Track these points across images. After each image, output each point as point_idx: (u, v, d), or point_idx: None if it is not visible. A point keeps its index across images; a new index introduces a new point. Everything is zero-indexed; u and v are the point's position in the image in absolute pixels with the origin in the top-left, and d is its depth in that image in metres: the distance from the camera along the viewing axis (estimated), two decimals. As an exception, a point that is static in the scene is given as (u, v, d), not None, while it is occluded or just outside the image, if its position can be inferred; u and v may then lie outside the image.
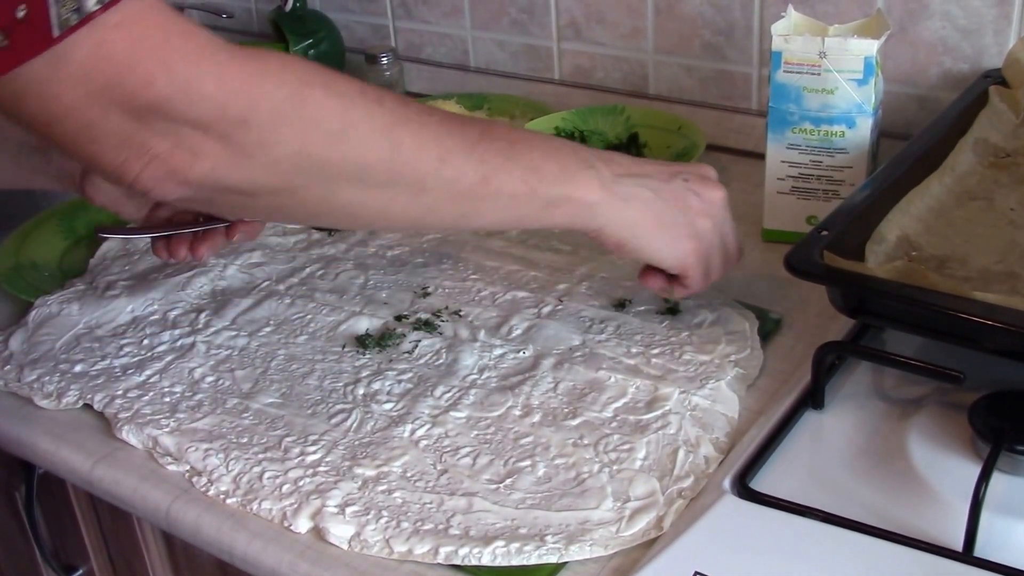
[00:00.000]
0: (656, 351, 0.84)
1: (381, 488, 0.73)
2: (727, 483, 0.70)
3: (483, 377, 0.83)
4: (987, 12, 1.01)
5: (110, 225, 1.01)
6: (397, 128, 0.67)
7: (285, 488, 0.73)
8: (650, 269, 0.83)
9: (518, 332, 0.88)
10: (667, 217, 0.77)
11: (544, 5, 1.29)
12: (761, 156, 0.99)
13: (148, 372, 0.87)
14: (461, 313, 0.91)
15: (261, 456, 0.76)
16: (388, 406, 0.81)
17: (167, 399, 0.83)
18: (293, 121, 0.62)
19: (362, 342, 0.88)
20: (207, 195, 0.64)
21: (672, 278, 0.82)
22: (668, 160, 1.10)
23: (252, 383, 0.85)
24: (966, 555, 0.62)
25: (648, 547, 0.67)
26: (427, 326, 0.90)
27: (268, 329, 0.91)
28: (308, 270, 1.00)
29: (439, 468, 0.74)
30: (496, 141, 0.71)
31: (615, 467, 0.73)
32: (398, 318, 0.91)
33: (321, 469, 0.75)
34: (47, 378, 0.87)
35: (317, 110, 0.64)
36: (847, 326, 0.82)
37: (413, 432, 0.78)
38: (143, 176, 0.60)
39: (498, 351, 0.86)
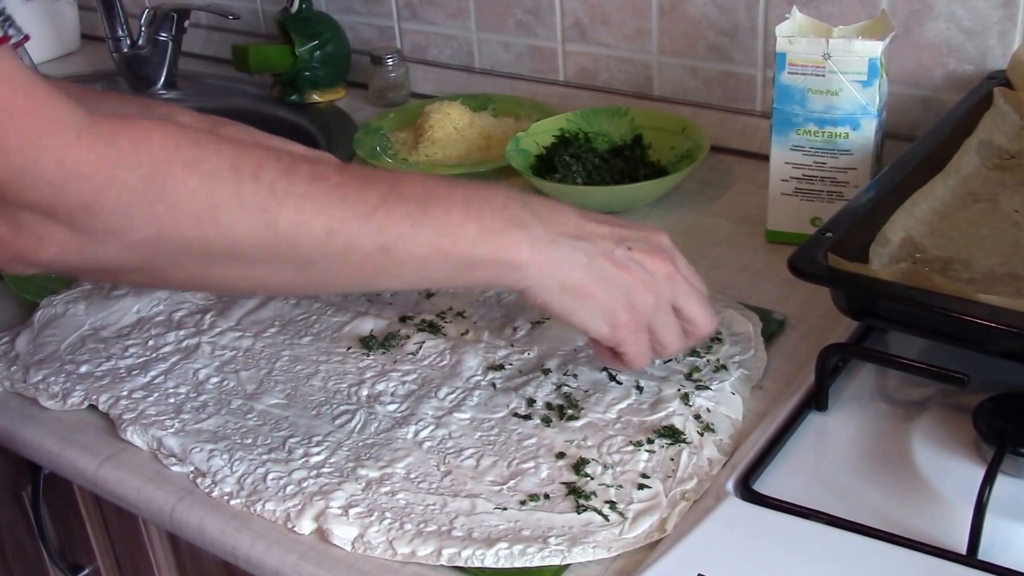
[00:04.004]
0: (660, 353, 0.84)
1: (385, 489, 0.73)
2: (730, 485, 0.70)
3: (487, 378, 0.83)
4: (992, 13, 1.01)
5: None
6: (274, 204, 0.62)
7: (289, 489, 0.74)
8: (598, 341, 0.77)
9: (522, 333, 0.88)
10: (600, 285, 0.72)
11: (549, 6, 1.29)
12: (765, 157, 0.99)
13: (153, 373, 0.87)
14: (465, 314, 0.91)
15: (265, 457, 0.77)
16: (392, 407, 0.81)
17: (172, 400, 0.84)
18: (148, 205, 0.58)
19: (366, 343, 0.88)
20: (61, 272, 0.61)
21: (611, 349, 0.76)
22: (672, 159, 1.10)
23: (256, 384, 0.85)
24: (970, 558, 0.62)
25: (651, 549, 0.67)
26: (431, 327, 0.90)
27: (273, 330, 0.92)
28: (313, 271, 1.00)
29: (443, 470, 0.74)
30: (404, 203, 0.66)
31: (618, 468, 0.73)
32: (402, 319, 0.91)
33: (325, 470, 0.75)
34: (52, 379, 0.87)
35: (177, 192, 0.59)
36: (851, 328, 0.82)
37: (417, 433, 0.78)
38: None
39: (502, 352, 0.86)
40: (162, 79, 1.54)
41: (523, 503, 0.71)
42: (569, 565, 0.67)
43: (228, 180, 0.61)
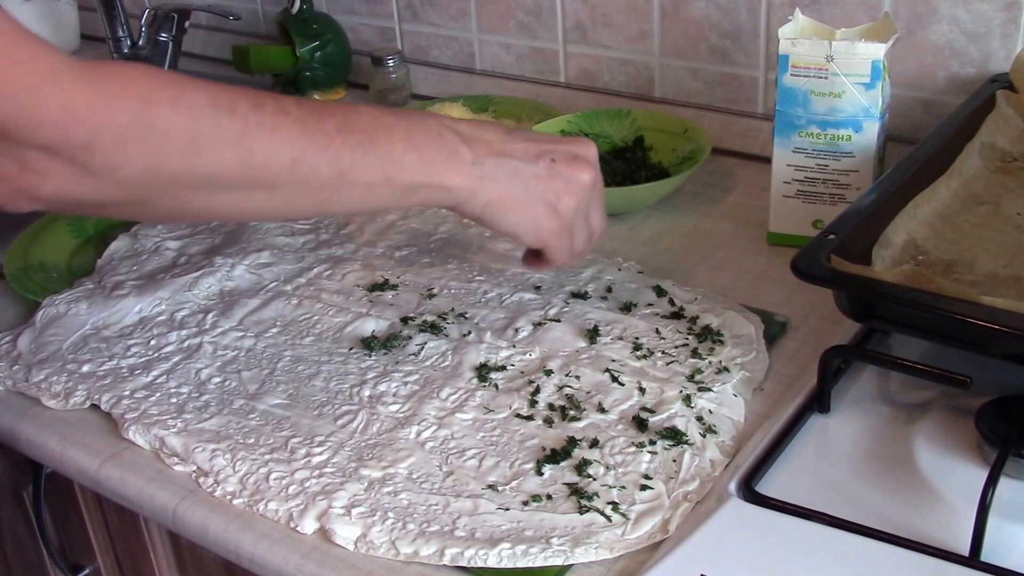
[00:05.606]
0: (662, 354, 0.84)
1: (387, 489, 0.73)
2: (733, 487, 0.70)
3: (489, 379, 0.83)
4: (995, 16, 1.01)
5: None
6: (248, 136, 0.67)
7: (291, 489, 0.74)
8: (528, 252, 0.87)
9: (524, 334, 0.88)
10: (525, 196, 0.80)
11: (550, 8, 1.29)
12: (767, 160, 0.99)
13: (155, 373, 0.87)
14: (467, 315, 0.91)
15: (267, 457, 0.77)
16: (394, 408, 0.81)
17: (174, 400, 0.84)
18: (140, 141, 0.63)
19: (368, 344, 0.88)
20: (60, 207, 0.66)
21: (539, 253, 0.85)
22: (674, 161, 1.10)
23: (259, 384, 0.85)
24: (972, 560, 0.62)
25: (653, 550, 0.67)
26: (433, 328, 0.90)
27: (275, 330, 0.92)
28: (316, 270, 1.00)
29: (445, 470, 0.74)
30: (355, 134, 0.72)
31: (620, 470, 0.73)
32: (404, 320, 0.91)
33: (327, 470, 0.75)
34: (55, 378, 0.87)
35: (164, 127, 0.64)
36: (853, 330, 0.82)
37: (419, 434, 0.78)
38: None
39: (504, 353, 0.86)
40: (163, 79, 1.53)
41: (525, 503, 0.71)
42: (572, 565, 0.67)
43: (208, 115, 0.66)
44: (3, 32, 0.59)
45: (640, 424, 0.77)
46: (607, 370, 0.83)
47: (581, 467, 0.73)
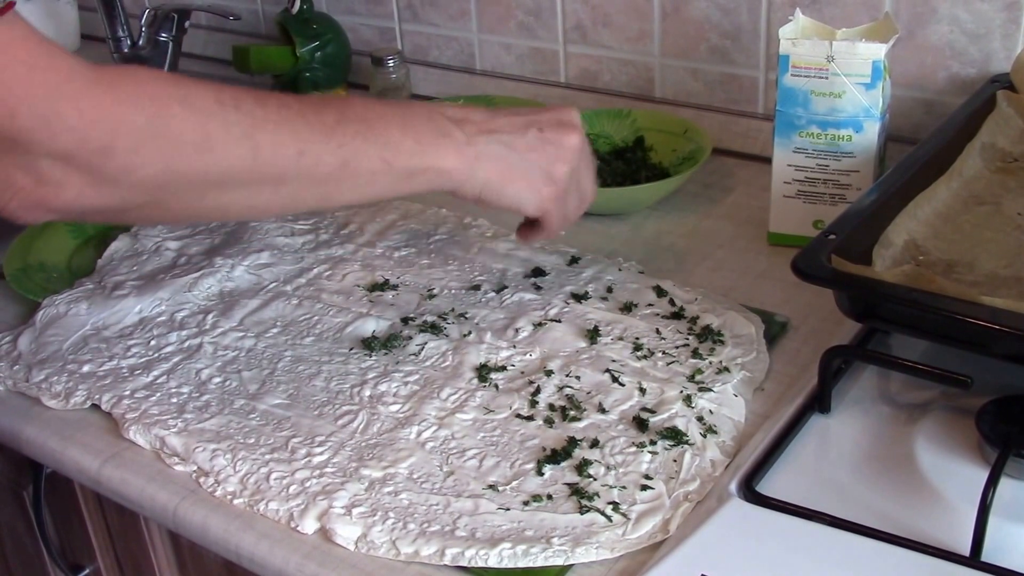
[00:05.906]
0: (662, 354, 0.84)
1: (388, 489, 0.73)
2: (733, 487, 0.70)
3: (489, 379, 0.83)
4: (995, 16, 1.01)
5: None
6: (256, 131, 0.68)
7: (292, 489, 0.74)
8: (522, 225, 0.88)
9: (524, 334, 0.88)
10: (521, 168, 0.81)
11: (551, 8, 1.29)
12: (767, 160, 0.99)
13: (155, 373, 0.87)
14: (467, 315, 0.91)
15: (268, 457, 0.77)
16: (394, 408, 0.81)
17: (174, 400, 0.84)
18: (154, 142, 0.64)
19: (368, 344, 0.88)
20: (74, 217, 0.66)
21: (534, 224, 0.87)
22: (674, 161, 1.11)
23: (259, 384, 0.85)
24: (973, 560, 0.62)
25: (654, 550, 0.67)
26: (433, 328, 0.90)
27: (275, 330, 0.92)
28: (316, 271, 1.00)
29: (445, 470, 0.74)
30: (353, 123, 0.74)
31: (621, 470, 0.73)
32: (404, 320, 0.91)
33: (328, 470, 0.75)
34: (55, 378, 0.87)
35: (178, 127, 0.65)
36: (853, 330, 0.82)
37: (419, 434, 0.78)
38: (10, 207, 0.63)
39: (504, 353, 0.86)
40: (163, 79, 1.53)
41: (526, 503, 0.71)
42: (572, 565, 0.67)
43: (216, 113, 0.67)
44: (24, 38, 0.59)
45: (640, 424, 0.77)
46: (607, 370, 0.83)
47: (581, 467, 0.73)
